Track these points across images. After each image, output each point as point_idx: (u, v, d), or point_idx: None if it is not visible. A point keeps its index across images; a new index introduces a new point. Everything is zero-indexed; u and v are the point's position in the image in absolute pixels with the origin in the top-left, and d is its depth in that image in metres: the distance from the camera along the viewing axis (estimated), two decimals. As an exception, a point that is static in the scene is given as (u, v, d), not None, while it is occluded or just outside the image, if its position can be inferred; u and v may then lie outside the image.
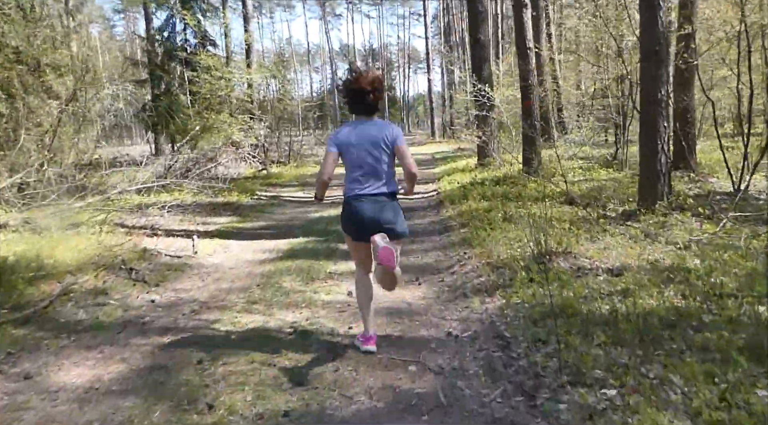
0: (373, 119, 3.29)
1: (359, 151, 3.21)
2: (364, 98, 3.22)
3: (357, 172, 3.27)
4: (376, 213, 3.19)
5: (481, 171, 11.54)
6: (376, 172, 3.24)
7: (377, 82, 3.24)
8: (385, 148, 3.21)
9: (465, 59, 35.25)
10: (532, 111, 9.57)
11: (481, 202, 8.06)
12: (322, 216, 8.54)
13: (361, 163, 3.23)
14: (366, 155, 3.21)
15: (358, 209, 3.23)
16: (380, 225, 3.16)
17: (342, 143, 3.26)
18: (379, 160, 3.21)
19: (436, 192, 10.50)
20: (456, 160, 17.16)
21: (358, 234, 3.26)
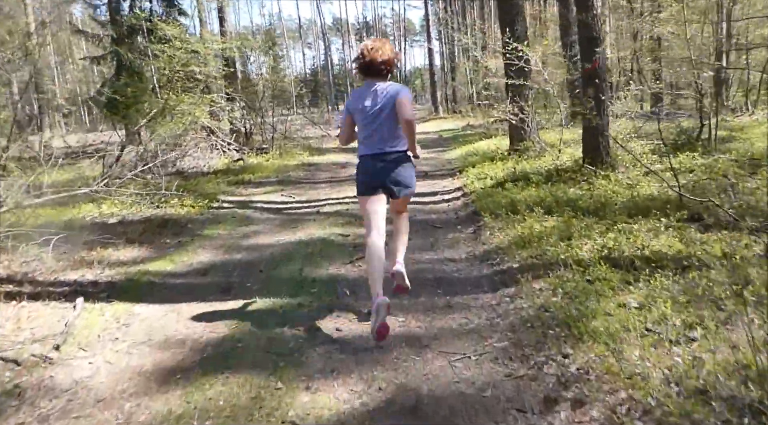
0: (383, 82, 3.40)
1: (367, 112, 3.36)
2: (377, 66, 3.36)
3: (366, 132, 3.40)
4: (383, 170, 3.35)
5: (517, 159, 8.71)
6: (384, 131, 3.35)
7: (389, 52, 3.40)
8: (391, 106, 3.31)
9: (468, 25, 32.03)
10: (598, 76, 6.72)
11: (545, 216, 5.27)
12: (301, 239, 5.75)
13: (369, 123, 3.37)
14: (374, 116, 3.35)
15: (367, 166, 3.41)
16: (387, 183, 3.36)
17: (352, 107, 3.45)
18: (387, 117, 3.33)
19: (461, 192, 7.69)
20: (472, 141, 14.30)
21: (365, 187, 3.44)
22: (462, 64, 36.07)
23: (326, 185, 9.40)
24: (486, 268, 4.42)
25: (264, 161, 13.35)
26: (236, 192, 9.11)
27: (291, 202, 8.14)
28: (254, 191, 9.22)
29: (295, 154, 14.29)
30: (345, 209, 7.19)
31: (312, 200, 8.11)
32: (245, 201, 8.31)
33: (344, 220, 6.54)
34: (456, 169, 9.84)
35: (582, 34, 6.83)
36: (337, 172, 11.16)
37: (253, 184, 9.93)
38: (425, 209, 6.95)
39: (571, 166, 7.33)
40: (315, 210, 7.24)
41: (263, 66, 26.87)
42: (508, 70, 8.50)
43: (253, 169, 11.58)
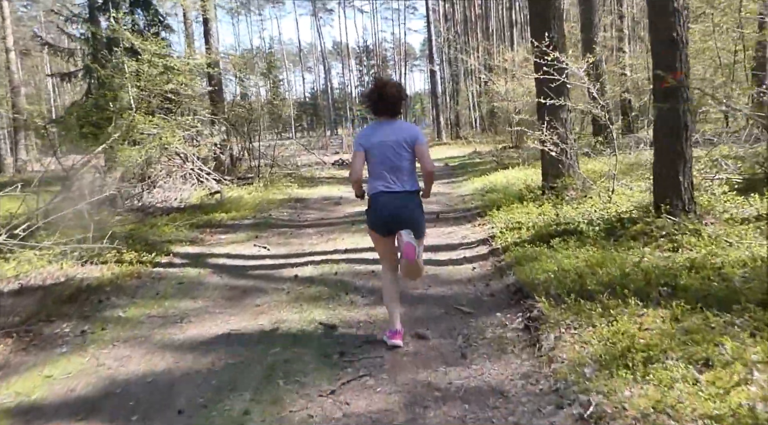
0: (396, 120, 3.51)
1: (382, 150, 3.38)
2: (387, 103, 3.44)
3: (380, 170, 3.41)
4: (399, 210, 3.37)
5: (555, 201, 6.82)
6: (398, 170, 3.39)
7: (400, 91, 3.47)
8: (406, 148, 3.38)
9: (472, 47, 30.51)
10: (680, 91, 4.89)
11: (636, 303, 3.35)
12: (263, 330, 3.83)
13: (384, 162, 3.38)
14: (388, 154, 3.37)
15: (383, 205, 3.39)
16: (402, 222, 3.34)
17: (366, 143, 3.44)
18: (400, 158, 3.38)
19: (488, 248, 5.79)
20: (485, 172, 12.47)
21: (382, 229, 3.44)
22: (466, 87, 34.53)
23: (313, 230, 7.50)
24: (568, 422, 2.49)
25: (246, 194, 11.48)
26: (198, 239, 7.20)
27: (264, 256, 6.23)
28: (222, 238, 7.32)
29: (283, 185, 12.42)
30: (333, 272, 5.29)
31: (291, 254, 6.21)
32: (205, 254, 6.39)
33: (330, 294, 4.63)
34: (474, 211, 7.95)
35: (658, 36, 5.00)
36: (328, 210, 9.28)
37: (223, 227, 8.03)
38: (442, 274, 5.05)
39: (637, 213, 5.44)
40: (293, 274, 5.33)
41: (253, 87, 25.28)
42: (543, 87, 6.67)
43: (230, 206, 9.70)
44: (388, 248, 3.51)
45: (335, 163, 18.71)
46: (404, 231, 3.27)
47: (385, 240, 3.49)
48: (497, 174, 11.52)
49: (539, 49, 6.36)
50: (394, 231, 3.35)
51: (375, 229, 3.50)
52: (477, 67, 25.48)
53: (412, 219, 3.38)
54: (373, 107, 3.50)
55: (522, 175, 10.48)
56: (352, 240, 6.63)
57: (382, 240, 3.51)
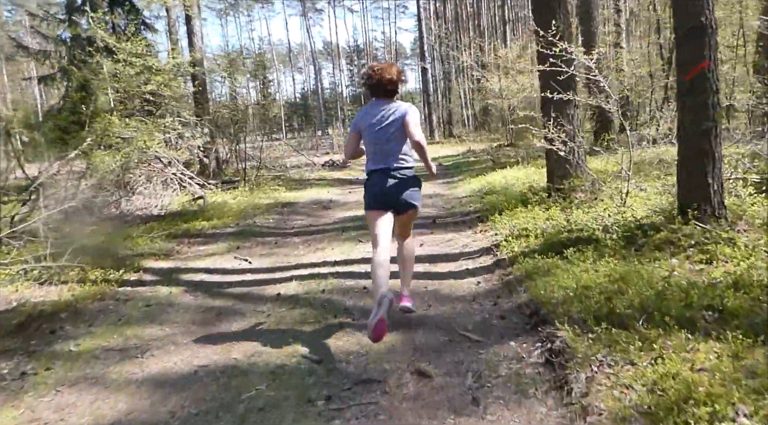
0: (391, 101, 3.55)
1: (375, 130, 3.47)
2: (385, 86, 3.51)
3: (374, 148, 3.51)
4: (388, 188, 3.45)
5: (563, 204, 6.27)
6: (390, 149, 3.47)
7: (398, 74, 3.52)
8: (399, 126, 3.43)
9: (464, 44, 29.94)
10: (707, 84, 4.34)
11: (689, 342, 2.78)
12: (236, 365, 3.23)
13: (377, 142, 3.48)
14: (381, 134, 3.46)
15: (375, 181, 3.51)
16: (390, 199, 3.48)
17: (360, 123, 3.56)
18: (392, 137, 3.45)
19: (493, 257, 5.22)
20: (481, 172, 11.92)
21: (373, 202, 3.52)
22: (458, 85, 34.01)
23: (300, 239, 6.91)
24: None
25: (231, 199, 10.87)
26: (175, 251, 6.59)
27: (245, 270, 5.64)
28: (201, 250, 6.71)
29: (270, 189, 11.80)
30: (321, 289, 4.70)
31: (275, 268, 5.62)
32: (180, 269, 5.78)
33: (317, 317, 4.04)
34: (474, 215, 7.38)
35: (683, 21, 4.45)
36: (317, 216, 8.69)
37: (203, 236, 7.42)
38: (443, 290, 4.47)
39: (659, 219, 4.89)
40: (275, 292, 4.74)
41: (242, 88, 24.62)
42: (549, 80, 6.11)
43: (212, 212, 9.09)
44: (379, 224, 3.54)
45: (325, 164, 18.11)
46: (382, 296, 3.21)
47: (376, 215, 3.54)
48: (495, 174, 10.97)
49: (545, 39, 5.80)
50: (386, 208, 3.50)
51: (368, 207, 3.56)
52: (470, 64, 24.92)
53: (398, 196, 3.47)
54: (371, 88, 3.55)
55: (521, 175, 9.94)
56: (341, 250, 6.05)
57: (373, 215, 3.55)
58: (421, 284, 4.64)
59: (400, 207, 3.53)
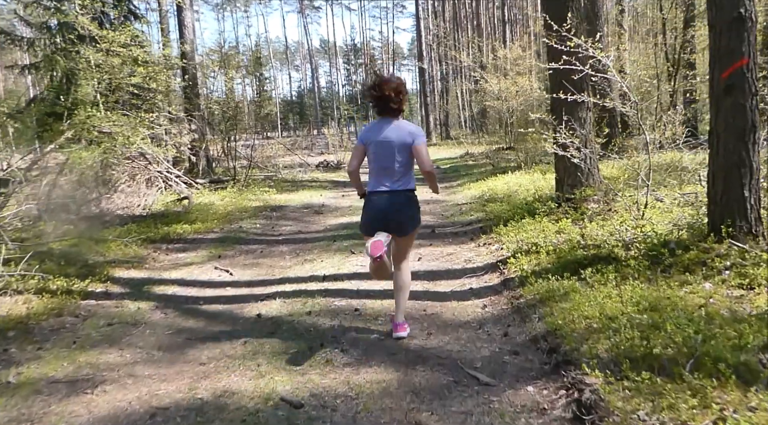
0: (397, 119, 3.46)
1: (379, 149, 3.38)
2: (388, 102, 3.39)
3: (377, 168, 3.42)
4: (387, 210, 3.38)
5: (575, 215, 5.75)
6: (392, 170, 3.38)
7: (401, 88, 3.41)
8: (405, 148, 3.37)
9: (462, 44, 29.45)
10: (746, 81, 3.85)
11: (753, 396, 2.27)
12: (200, 421, 2.70)
13: (382, 160, 3.39)
14: (385, 154, 3.38)
15: (373, 204, 3.43)
16: (389, 222, 3.37)
17: (367, 139, 3.44)
18: (395, 159, 3.36)
19: (500, 276, 4.70)
20: (481, 176, 11.42)
21: (367, 227, 3.45)
22: (456, 86, 33.51)
23: (288, 248, 6.37)
24: None
25: (218, 199, 10.33)
26: (150, 259, 6.05)
27: (225, 283, 5.10)
28: (179, 257, 6.16)
29: (260, 190, 11.25)
30: (306, 311, 4.16)
31: (258, 282, 5.08)
32: (153, 281, 5.23)
33: (300, 346, 3.51)
34: (476, 225, 6.86)
35: (720, 13, 3.94)
36: (307, 221, 8.14)
37: (183, 242, 6.88)
38: (445, 314, 3.95)
39: (687, 235, 4.39)
40: (255, 313, 4.20)
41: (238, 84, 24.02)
42: (561, 79, 5.59)
43: (197, 215, 8.55)
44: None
45: (319, 165, 17.55)
46: (381, 233, 3.30)
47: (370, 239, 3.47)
48: (495, 179, 10.47)
49: (558, 35, 5.28)
50: (384, 230, 3.38)
51: (366, 232, 3.49)
52: (469, 65, 24.41)
53: (397, 219, 3.40)
54: (375, 106, 3.48)
55: (525, 182, 9.43)
56: (332, 263, 5.52)
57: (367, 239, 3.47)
58: (419, 307, 4.12)
59: (399, 230, 3.41)
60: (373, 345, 3.46)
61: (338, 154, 19.00)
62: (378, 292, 4.52)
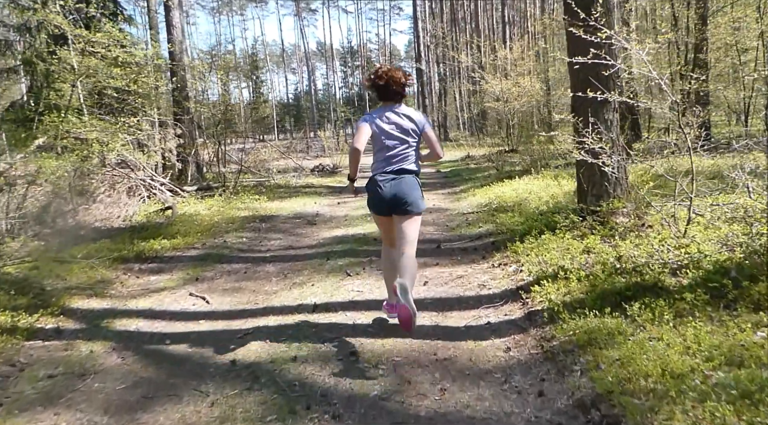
0: (400, 105, 3.52)
1: (388, 133, 3.43)
2: (393, 89, 3.46)
3: (383, 153, 3.46)
4: (396, 192, 3.43)
5: (603, 231, 5.01)
6: (398, 155, 3.45)
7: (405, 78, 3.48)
8: (413, 133, 3.47)
9: (461, 44, 28.76)
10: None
11: None
12: None
13: (385, 147, 3.45)
14: (394, 138, 3.44)
15: (381, 187, 3.44)
16: (399, 203, 3.44)
17: (373, 123, 3.45)
18: (406, 143, 3.45)
19: (522, 307, 3.97)
20: (486, 181, 10.73)
21: (378, 209, 3.53)
22: (454, 87, 32.83)
23: (275, 268, 5.63)
24: None
25: (204, 209, 9.60)
26: (117, 283, 5.30)
27: (200, 314, 4.36)
28: (151, 280, 5.42)
29: (249, 198, 10.51)
30: (291, 356, 3.42)
31: (238, 312, 4.34)
32: (117, 312, 4.49)
33: (280, 410, 2.78)
34: (487, 239, 6.12)
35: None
36: (299, 234, 7.41)
37: (159, 261, 6.14)
38: (461, 359, 3.23)
39: (750, 261, 3.67)
40: (230, 358, 3.47)
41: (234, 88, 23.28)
42: (587, 75, 4.88)
43: (179, 227, 7.82)
44: (386, 228, 3.63)
45: (314, 170, 16.82)
46: (399, 284, 3.18)
47: (383, 220, 3.60)
48: (502, 185, 9.76)
49: (585, 24, 4.56)
50: (390, 212, 3.50)
51: (373, 210, 3.57)
52: (469, 65, 23.72)
53: (406, 200, 3.44)
54: (378, 92, 3.51)
55: (535, 188, 8.72)
56: (324, 287, 4.78)
57: (380, 220, 3.62)
58: (429, 349, 3.39)
59: (408, 211, 3.48)
60: (373, 408, 2.74)
61: (334, 158, 18.27)
62: (378, 326, 3.79)
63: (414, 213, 3.50)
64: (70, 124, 8.39)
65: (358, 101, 66.01)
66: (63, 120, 8.39)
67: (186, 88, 14.27)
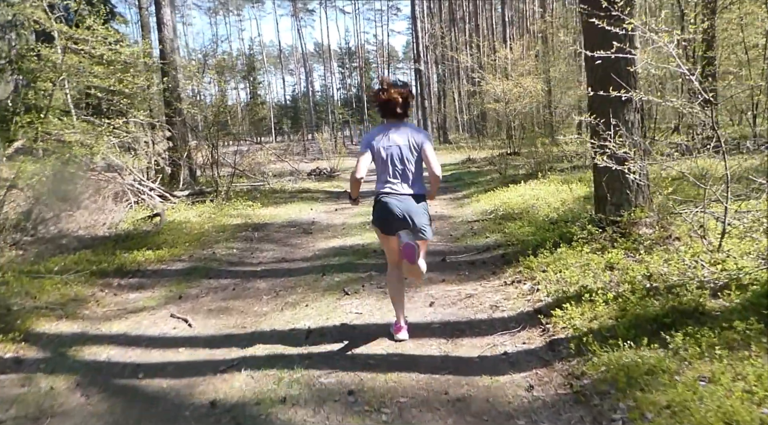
0: (403, 123, 3.47)
1: (389, 153, 3.37)
2: (395, 107, 3.39)
3: (387, 173, 3.40)
4: (403, 213, 3.32)
5: (626, 244, 4.55)
6: (405, 173, 3.38)
7: (406, 93, 3.42)
8: (413, 151, 3.38)
9: (461, 43, 28.33)
10: None
11: None
12: None
13: (391, 164, 3.38)
14: (395, 157, 3.37)
15: (387, 206, 3.35)
16: (406, 225, 3.34)
17: (373, 145, 3.40)
18: (406, 162, 3.37)
19: (541, 332, 3.49)
20: (489, 185, 10.30)
21: (385, 228, 3.41)
22: (453, 88, 32.40)
23: (267, 285, 5.17)
24: None
25: (195, 215, 9.14)
26: (92, 302, 4.83)
27: (180, 340, 3.90)
28: (129, 299, 4.95)
29: (243, 204, 10.05)
30: (280, 396, 2.95)
31: (222, 337, 3.88)
32: (86, 337, 4.02)
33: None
34: (495, 251, 5.66)
35: None
36: (293, 245, 6.94)
37: (141, 275, 5.67)
38: (477, 399, 2.77)
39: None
40: (208, 398, 3.00)
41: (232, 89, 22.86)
42: (608, 71, 4.44)
43: (166, 236, 7.37)
44: (391, 247, 3.51)
45: (311, 174, 16.34)
46: (403, 232, 3.31)
47: (388, 238, 3.49)
48: (507, 190, 9.31)
49: (607, 14, 4.11)
50: (396, 232, 3.38)
51: (379, 228, 3.47)
52: (468, 65, 23.29)
53: (415, 222, 3.35)
54: (380, 109, 3.47)
55: (542, 194, 8.27)
56: (319, 309, 4.32)
57: (385, 238, 3.51)
58: (439, 386, 2.94)
59: (419, 234, 3.40)
60: (375, 468, 2.28)
61: (332, 161, 17.80)
62: (381, 359, 3.34)
63: (421, 240, 3.43)
64: (50, 126, 7.93)
65: (356, 102, 65.59)
66: (42, 121, 7.93)
67: (178, 88, 13.81)
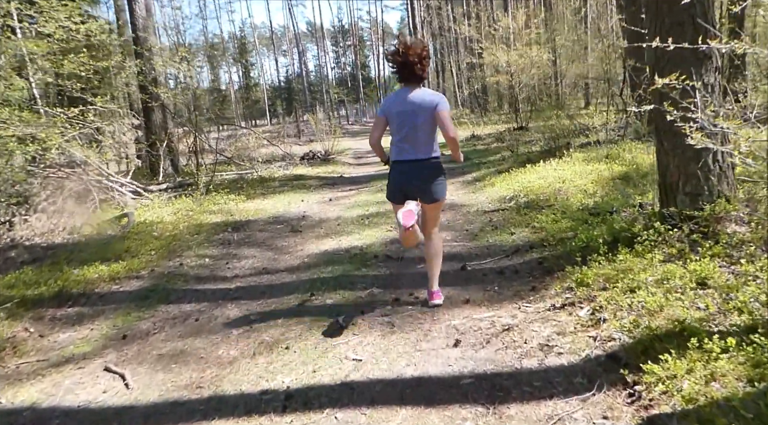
0: (419, 87, 3.35)
1: (401, 118, 3.31)
2: (412, 68, 3.29)
3: (399, 137, 3.36)
4: (411, 179, 3.34)
5: (715, 249, 3.40)
6: (415, 138, 3.31)
7: (425, 53, 3.30)
8: (426, 115, 3.26)
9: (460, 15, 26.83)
10: None
11: None
12: None
13: (402, 130, 3.33)
14: (408, 122, 3.30)
15: (397, 174, 3.39)
16: (414, 190, 3.35)
17: (387, 110, 3.38)
18: (418, 126, 3.28)
19: (630, 399, 2.35)
20: (507, 169, 9.08)
21: (393, 195, 3.45)
22: (452, 62, 30.99)
23: (239, 311, 4.01)
24: None
25: (170, 213, 7.99)
26: (10, 347, 3.69)
27: (107, 414, 2.76)
28: (60, 340, 3.80)
29: (225, 197, 8.87)
30: None
31: (168, 407, 2.74)
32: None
33: None
34: (528, 255, 4.48)
35: None
36: (278, 249, 5.78)
37: (85, 299, 4.52)
38: None
39: None
40: None
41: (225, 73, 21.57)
42: (684, 13, 3.25)
43: (131, 242, 6.24)
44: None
45: (305, 157, 15.12)
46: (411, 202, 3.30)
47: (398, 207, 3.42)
48: (524, 172, 8.13)
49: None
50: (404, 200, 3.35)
51: (392, 199, 3.47)
52: (468, 37, 21.91)
53: (424, 187, 3.34)
54: (398, 72, 3.37)
55: (567, 175, 7.11)
56: (304, 355, 3.16)
57: (396, 207, 3.47)
58: None
59: (425, 198, 3.37)
60: None
61: (326, 143, 16.56)
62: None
63: (437, 201, 3.39)
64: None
65: (351, 81, 63.97)
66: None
67: (154, 71, 12.52)
